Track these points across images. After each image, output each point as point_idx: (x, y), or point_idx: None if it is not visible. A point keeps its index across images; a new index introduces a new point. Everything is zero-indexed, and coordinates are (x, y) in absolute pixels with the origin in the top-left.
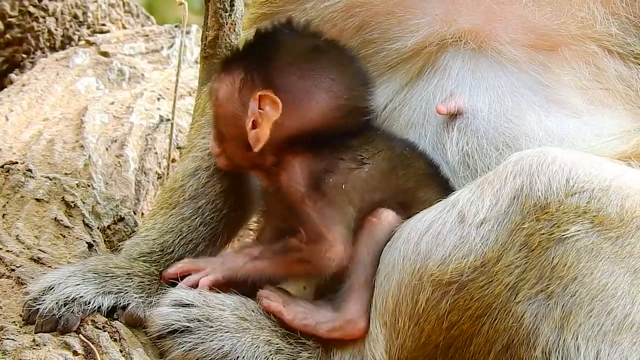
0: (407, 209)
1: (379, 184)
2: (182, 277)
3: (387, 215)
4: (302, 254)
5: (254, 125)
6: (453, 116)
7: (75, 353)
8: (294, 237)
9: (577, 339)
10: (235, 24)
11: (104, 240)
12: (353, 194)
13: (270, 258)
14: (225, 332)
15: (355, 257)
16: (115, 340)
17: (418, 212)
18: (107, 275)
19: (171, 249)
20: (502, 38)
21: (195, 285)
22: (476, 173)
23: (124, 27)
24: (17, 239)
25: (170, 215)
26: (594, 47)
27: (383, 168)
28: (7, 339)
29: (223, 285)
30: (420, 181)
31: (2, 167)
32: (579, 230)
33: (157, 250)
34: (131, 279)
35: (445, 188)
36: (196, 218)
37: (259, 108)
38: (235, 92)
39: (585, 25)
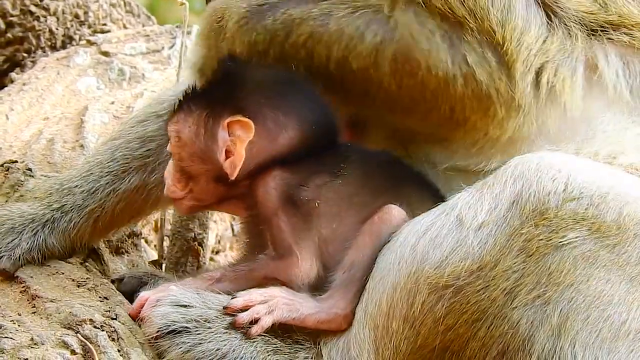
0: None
1: (357, 190)
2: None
3: (394, 212)
4: (269, 270)
5: (227, 154)
6: None
7: (73, 352)
8: (261, 255)
9: (574, 346)
10: None
11: (103, 239)
12: (327, 207)
13: (234, 279)
14: (223, 333)
15: (357, 253)
16: (113, 339)
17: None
18: None
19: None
20: None
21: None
22: None
23: (125, 27)
24: None
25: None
26: None
27: (358, 175)
28: (5, 337)
29: None
30: (399, 181)
31: (2, 165)
32: (576, 237)
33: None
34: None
35: (423, 184)
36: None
37: (230, 135)
38: (201, 128)
39: None
